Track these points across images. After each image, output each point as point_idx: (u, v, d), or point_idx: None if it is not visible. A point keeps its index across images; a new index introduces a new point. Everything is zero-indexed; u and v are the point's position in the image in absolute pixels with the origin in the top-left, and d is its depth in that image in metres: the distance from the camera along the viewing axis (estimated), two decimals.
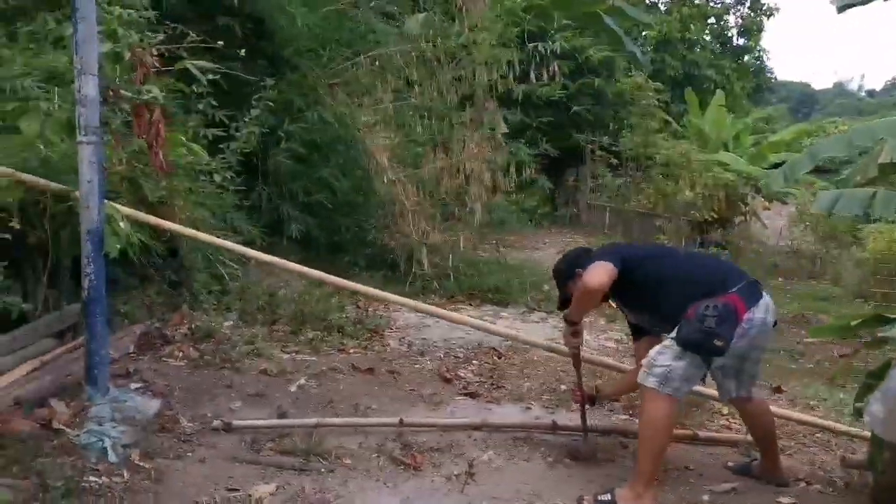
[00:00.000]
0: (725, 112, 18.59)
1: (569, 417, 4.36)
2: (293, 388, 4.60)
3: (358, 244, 8.21)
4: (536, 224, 19.60)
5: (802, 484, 3.76)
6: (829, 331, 3.30)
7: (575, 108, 15.23)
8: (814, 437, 4.50)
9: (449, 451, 3.81)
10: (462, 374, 5.24)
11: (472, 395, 4.82)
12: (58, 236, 4.31)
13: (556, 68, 9.44)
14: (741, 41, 28.75)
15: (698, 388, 4.33)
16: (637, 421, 3.71)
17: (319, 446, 3.67)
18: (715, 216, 14.61)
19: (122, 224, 3.94)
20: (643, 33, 17.62)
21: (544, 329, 6.78)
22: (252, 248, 7.30)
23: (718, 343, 3.16)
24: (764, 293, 3.38)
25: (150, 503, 3.09)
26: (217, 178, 5.95)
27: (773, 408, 4.09)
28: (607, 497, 3.28)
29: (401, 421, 4.04)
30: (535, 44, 9.13)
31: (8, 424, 3.40)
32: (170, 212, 5.26)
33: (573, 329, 3.76)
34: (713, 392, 3.99)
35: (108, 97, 4.29)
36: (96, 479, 3.16)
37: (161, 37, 4.82)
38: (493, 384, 5.09)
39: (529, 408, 4.66)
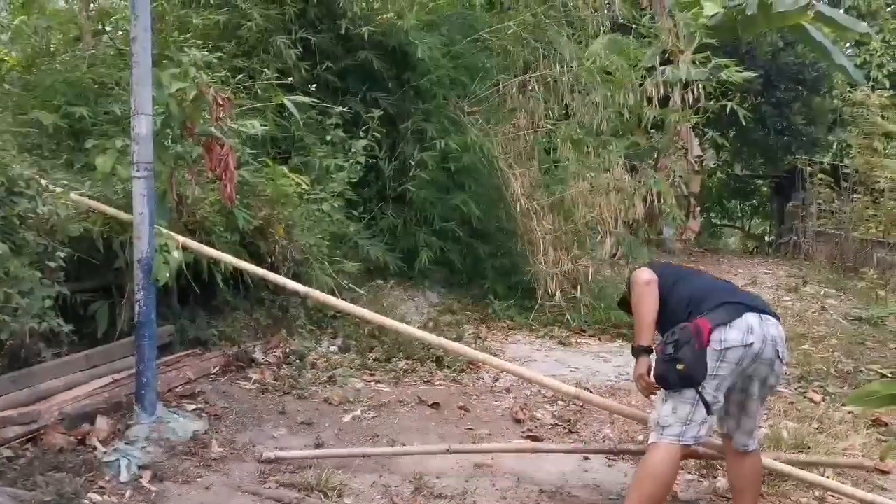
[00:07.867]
0: None
1: (623, 473, 3.96)
2: (347, 419, 4.59)
3: (496, 272, 8.09)
4: (751, 252, 18.26)
5: None
6: (872, 400, 2.66)
7: (781, 125, 13.94)
8: None
9: (460, 498, 3.60)
10: (539, 416, 4.94)
11: (535, 439, 4.53)
12: None
13: (701, 89, 8.60)
14: None
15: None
16: None
17: (326, 482, 3.62)
18: None
19: (175, 253, 4.16)
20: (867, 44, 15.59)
21: None
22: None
23: (680, 367, 2.80)
24: (748, 315, 2.87)
25: None
26: (325, 206, 6.13)
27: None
28: None
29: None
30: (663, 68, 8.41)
31: (45, 438, 3.71)
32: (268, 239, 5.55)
33: (646, 360, 3.21)
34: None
35: (185, 134, 4.60)
36: (95, 496, 3.36)
37: (240, 76, 5.08)
38: (567, 429, 4.75)
39: (587, 458, 4.28)
